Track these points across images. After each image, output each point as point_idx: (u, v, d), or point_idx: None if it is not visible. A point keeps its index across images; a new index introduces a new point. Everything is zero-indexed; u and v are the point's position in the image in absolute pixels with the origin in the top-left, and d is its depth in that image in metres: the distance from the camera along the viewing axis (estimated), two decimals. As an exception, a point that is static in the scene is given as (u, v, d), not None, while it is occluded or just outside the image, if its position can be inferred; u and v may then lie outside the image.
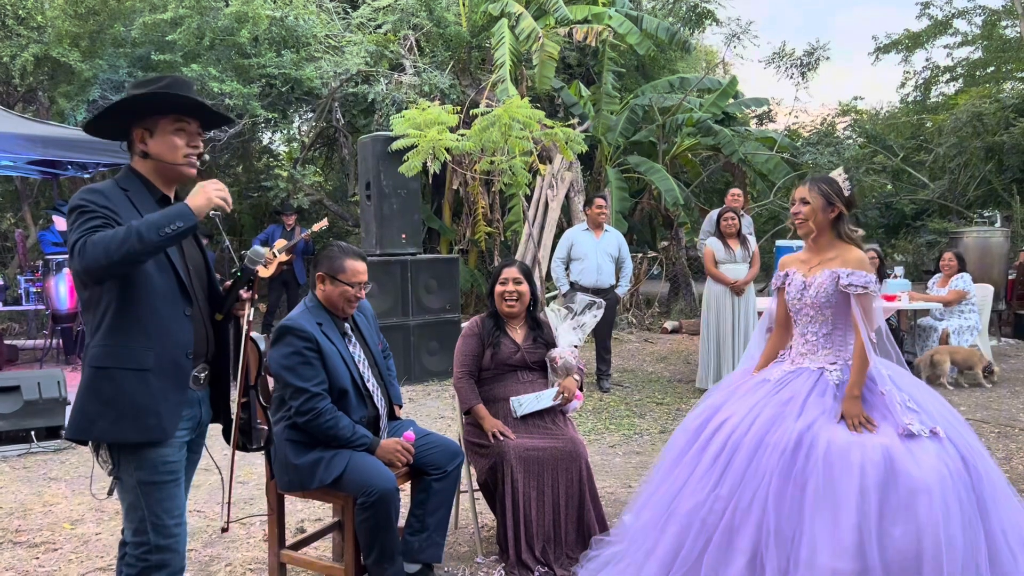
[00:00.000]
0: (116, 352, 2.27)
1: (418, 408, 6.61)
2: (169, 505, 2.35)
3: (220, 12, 10.20)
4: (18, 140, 6.72)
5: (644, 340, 10.65)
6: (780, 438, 2.73)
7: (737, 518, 2.69)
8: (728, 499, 2.73)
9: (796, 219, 3.05)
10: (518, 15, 10.28)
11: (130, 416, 2.26)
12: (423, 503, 3.22)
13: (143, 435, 2.28)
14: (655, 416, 6.44)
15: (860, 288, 2.86)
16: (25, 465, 5.11)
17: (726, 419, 2.92)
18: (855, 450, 2.60)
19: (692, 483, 2.84)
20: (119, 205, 2.27)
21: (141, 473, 2.31)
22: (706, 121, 12.02)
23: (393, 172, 7.50)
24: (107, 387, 2.27)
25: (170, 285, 2.34)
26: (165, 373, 2.31)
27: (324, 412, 3.00)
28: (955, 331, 7.81)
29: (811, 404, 2.84)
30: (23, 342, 9.49)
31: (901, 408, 2.72)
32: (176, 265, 2.36)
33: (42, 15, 9.98)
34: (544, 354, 3.79)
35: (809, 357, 3.02)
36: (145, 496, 2.32)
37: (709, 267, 7.11)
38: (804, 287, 3.03)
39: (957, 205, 13.34)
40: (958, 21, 15.71)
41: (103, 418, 2.27)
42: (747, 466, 2.75)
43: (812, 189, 3.00)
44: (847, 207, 3.01)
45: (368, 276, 3.29)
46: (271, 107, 11.11)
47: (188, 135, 2.39)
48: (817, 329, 3.01)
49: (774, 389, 2.97)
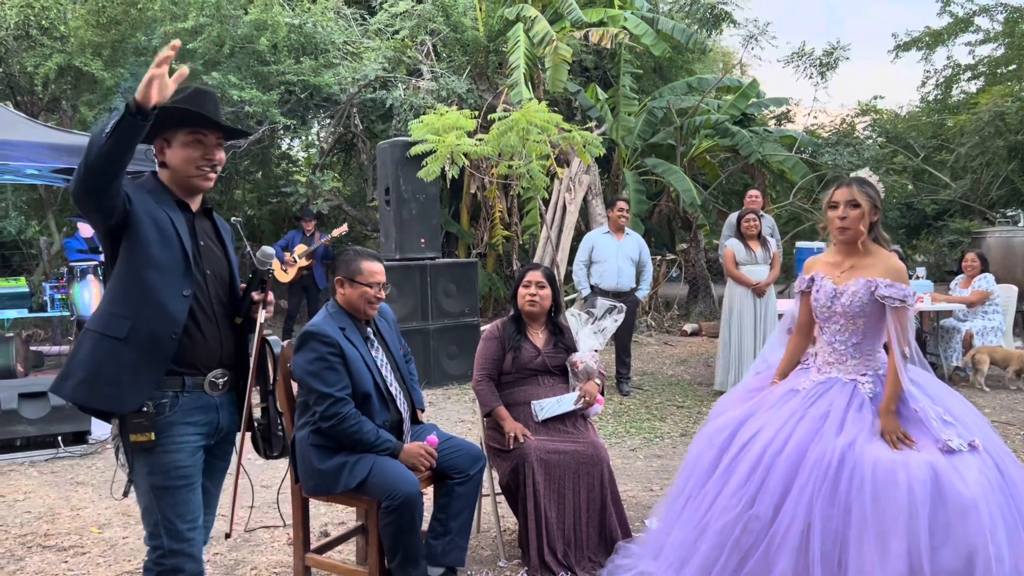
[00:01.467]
0: (100, 317, 2.31)
1: (439, 412, 6.63)
2: (182, 510, 2.35)
3: (239, 20, 10.31)
4: (43, 149, 6.81)
5: (663, 343, 10.62)
6: (822, 455, 2.63)
7: (776, 541, 2.59)
8: (765, 519, 2.63)
9: (842, 223, 2.86)
10: (533, 19, 10.30)
11: (91, 381, 2.27)
12: (446, 507, 3.23)
13: (99, 402, 2.29)
14: (676, 419, 6.42)
15: (898, 301, 2.76)
16: (52, 470, 5.18)
17: (757, 432, 2.82)
18: (900, 469, 2.51)
19: (723, 499, 2.75)
20: (133, 190, 2.30)
21: (153, 477, 2.32)
22: (724, 122, 11.98)
23: (412, 177, 7.53)
24: (84, 348, 2.30)
25: (172, 261, 2.32)
26: (139, 346, 2.27)
27: (348, 417, 3.02)
28: (979, 332, 7.74)
29: (851, 419, 2.74)
30: (48, 348, 9.60)
31: (938, 423, 2.64)
32: (185, 242, 2.35)
33: (65, 25, 10.12)
34: (565, 358, 3.80)
35: (837, 367, 2.92)
36: (158, 500, 2.33)
37: (730, 268, 7.08)
38: (835, 294, 2.90)
39: (979, 205, 13.21)
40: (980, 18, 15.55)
41: (72, 377, 2.29)
42: (785, 485, 2.65)
43: (861, 192, 2.84)
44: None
45: (386, 278, 3.30)
46: (290, 113, 11.20)
47: (205, 147, 2.39)
48: (847, 338, 2.91)
49: (807, 401, 2.86)
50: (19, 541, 3.95)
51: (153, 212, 2.32)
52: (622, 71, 11.92)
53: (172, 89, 2.09)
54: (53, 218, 11.64)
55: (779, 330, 3.38)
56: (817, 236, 12.70)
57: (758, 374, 3.27)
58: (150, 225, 2.29)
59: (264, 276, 2.49)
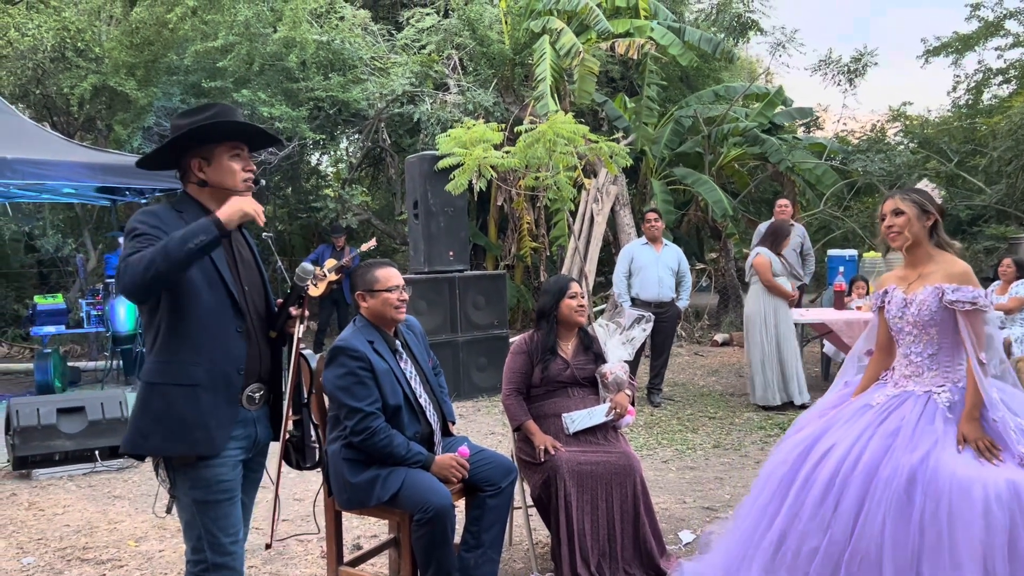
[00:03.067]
0: (167, 368, 2.33)
1: (469, 424, 6.64)
2: (224, 523, 2.39)
3: (268, 38, 10.45)
4: (80, 168, 6.97)
5: (694, 353, 10.55)
6: (893, 474, 2.55)
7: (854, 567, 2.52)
8: (842, 544, 2.56)
9: (890, 232, 2.85)
10: (559, 31, 10.33)
11: (179, 430, 2.31)
12: (478, 519, 3.23)
13: (192, 449, 2.33)
14: (708, 431, 6.37)
15: (968, 304, 2.67)
16: (90, 483, 5.26)
17: (830, 448, 2.74)
18: (977, 486, 2.41)
19: (800, 524, 2.67)
20: (171, 226, 2.32)
21: (196, 492, 2.35)
22: (752, 130, 11.90)
23: (440, 190, 7.58)
24: (158, 402, 2.32)
25: (221, 301, 2.37)
26: (215, 388, 2.35)
27: (379, 431, 3.04)
28: (1017, 340, 7.58)
29: (921, 432, 2.65)
30: (85, 363, 9.76)
31: (1017, 435, 2.53)
32: (228, 281, 2.39)
33: (99, 47, 10.33)
34: (594, 370, 3.79)
35: (914, 380, 2.84)
36: (201, 514, 2.36)
37: (768, 278, 6.96)
38: (905, 304, 2.85)
39: (1015, 210, 12.98)
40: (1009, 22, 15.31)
41: (155, 434, 2.32)
42: (858, 506, 2.57)
43: (904, 200, 2.83)
44: (941, 215, 2.84)
45: (404, 282, 3.31)
46: (319, 129, 11.32)
47: (243, 160, 2.46)
48: (921, 350, 2.83)
49: (879, 416, 2.79)
50: (58, 554, 4.01)
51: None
52: (648, 81, 11.91)
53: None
54: (89, 235, 11.85)
55: (853, 353, 3.26)
56: (849, 244, 12.57)
57: (841, 394, 3.17)
58: (195, 270, 2.31)
59: (302, 291, 2.53)
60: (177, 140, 2.40)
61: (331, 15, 11.40)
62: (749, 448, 5.80)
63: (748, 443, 5.93)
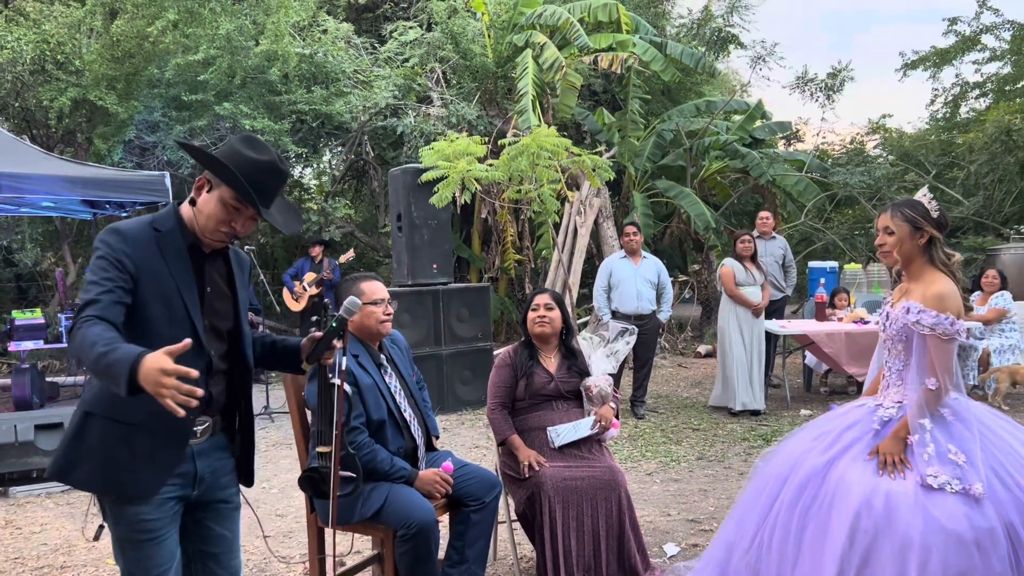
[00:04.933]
0: (108, 400, 2.13)
1: (453, 438, 6.61)
2: (146, 564, 2.20)
3: (250, 51, 10.43)
4: (58, 181, 6.89)
5: (677, 365, 10.58)
6: (802, 472, 2.65)
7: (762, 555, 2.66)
8: (753, 531, 2.70)
9: (881, 251, 2.82)
10: (542, 45, 10.38)
11: (105, 469, 2.14)
12: (462, 534, 3.21)
13: (119, 491, 2.16)
14: (692, 442, 6.38)
15: (926, 329, 2.64)
16: (68, 501, 5.18)
17: (779, 455, 2.85)
18: (856, 492, 2.48)
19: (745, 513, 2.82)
20: (141, 249, 2.16)
21: (118, 529, 2.20)
22: (733, 144, 12.00)
23: (423, 203, 7.57)
24: (91, 435, 2.15)
25: (183, 331, 2.13)
26: (155, 431, 2.14)
27: (362, 446, 3.02)
28: (996, 350, 7.66)
29: (838, 438, 2.71)
30: (64, 379, 9.65)
31: (929, 458, 2.53)
32: (194, 319, 2.20)
33: (80, 59, 10.27)
34: (578, 383, 3.78)
35: (883, 392, 2.85)
36: (122, 552, 2.22)
37: (730, 288, 7.14)
38: (887, 318, 2.85)
39: (993, 222, 13.14)
40: (986, 36, 15.56)
41: (80, 467, 2.16)
42: (773, 500, 2.69)
43: (895, 216, 2.76)
44: (939, 229, 2.75)
45: (388, 295, 3.29)
46: (302, 142, 11.29)
47: (237, 216, 2.22)
48: (892, 364, 2.82)
49: (824, 422, 2.87)
50: (36, 573, 3.95)
51: (161, 285, 2.16)
52: (631, 95, 11.99)
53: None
54: (69, 249, 11.74)
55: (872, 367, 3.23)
56: (830, 255, 12.67)
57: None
58: (157, 302, 2.16)
59: (345, 324, 2.42)
60: (202, 157, 2.24)
61: (314, 28, 11.40)
62: (732, 460, 5.81)
63: (731, 455, 5.94)
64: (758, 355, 7.18)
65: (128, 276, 2.12)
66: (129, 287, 2.12)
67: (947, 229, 2.81)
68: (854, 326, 7.46)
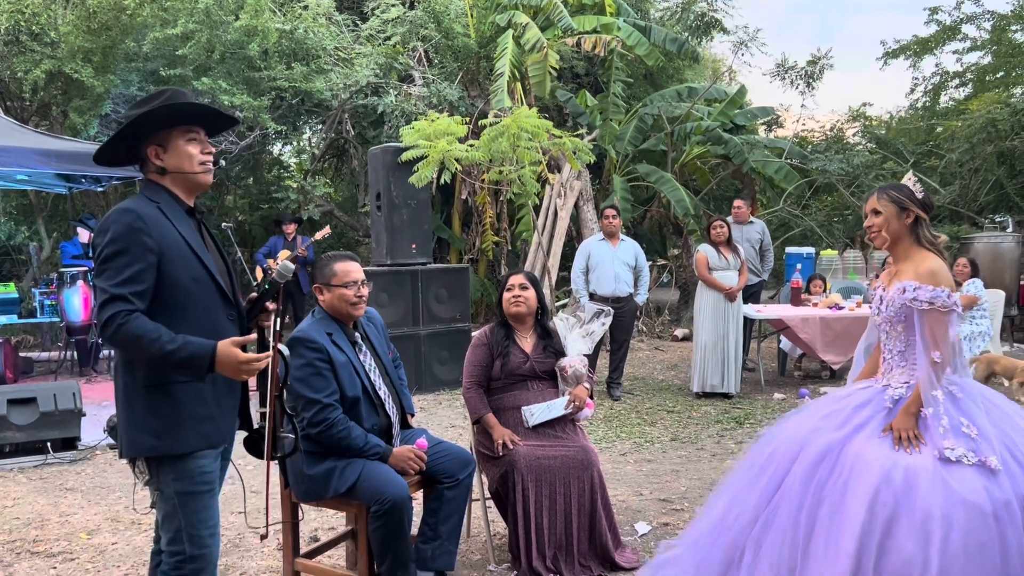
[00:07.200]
0: (167, 369, 2.28)
1: (430, 417, 6.64)
2: (204, 516, 2.38)
3: (230, 26, 10.30)
4: (33, 154, 6.80)
5: (654, 348, 10.65)
6: (815, 449, 2.67)
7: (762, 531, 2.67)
8: (760, 509, 2.71)
9: (870, 232, 2.90)
10: (524, 25, 10.33)
11: (191, 427, 2.32)
12: (436, 511, 3.24)
13: (205, 442, 2.35)
14: (666, 424, 6.44)
15: (925, 304, 2.69)
16: (41, 476, 5.16)
17: (781, 435, 2.87)
18: (875, 468, 2.51)
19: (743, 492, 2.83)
20: (153, 224, 2.28)
21: (179, 484, 2.34)
22: (715, 129, 12.03)
23: (403, 183, 7.55)
24: (165, 403, 2.29)
25: (210, 294, 2.38)
26: (217, 379, 2.34)
27: (336, 423, 3.03)
28: (966, 337, 7.76)
29: (851, 415, 2.75)
30: (38, 354, 9.57)
31: (944, 431, 2.58)
32: (214, 274, 2.40)
33: (55, 31, 10.09)
34: (554, 363, 3.81)
35: (887, 375, 2.88)
36: (182, 507, 2.34)
37: (703, 273, 7.23)
38: (881, 302, 2.90)
39: (968, 211, 13.29)
40: (967, 26, 15.65)
41: (167, 434, 2.29)
42: (781, 478, 2.70)
43: (881, 198, 2.85)
44: (924, 211, 2.83)
45: (363, 276, 3.28)
46: (281, 119, 11.19)
47: (200, 143, 2.43)
48: (892, 346, 2.86)
49: (828, 403, 2.89)
50: (8, 547, 3.94)
51: (181, 252, 2.33)
52: (613, 78, 11.97)
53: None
54: (43, 223, 11.59)
55: (858, 350, 3.27)
56: (807, 241, 12.77)
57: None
58: (182, 269, 2.32)
59: (279, 287, 2.50)
60: (130, 129, 2.35)
61: (294, 4, 11.26)
62: (705, 441, 5.88)
63: (705, 436, 6.02)
64: (735, 339, 7.24)
65: (153, 255, 2.28)
66: (154, 265, 2.28)
67: (932, 211, 2.87)
68: (829, 311, 7.54)
